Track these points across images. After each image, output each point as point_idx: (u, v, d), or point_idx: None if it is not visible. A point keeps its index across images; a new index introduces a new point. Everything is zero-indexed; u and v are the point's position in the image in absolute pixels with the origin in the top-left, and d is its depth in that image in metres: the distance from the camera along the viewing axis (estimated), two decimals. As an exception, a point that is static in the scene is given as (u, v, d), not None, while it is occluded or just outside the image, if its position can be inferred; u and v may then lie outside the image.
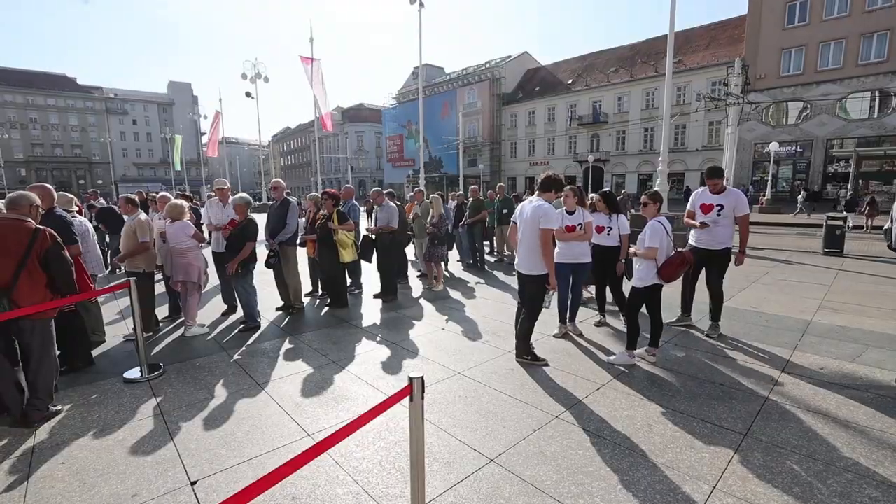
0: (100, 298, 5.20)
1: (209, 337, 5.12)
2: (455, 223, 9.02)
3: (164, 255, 5.23)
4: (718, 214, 4.80)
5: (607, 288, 5.35)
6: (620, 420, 3.21)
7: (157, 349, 4.75)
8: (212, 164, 72.02)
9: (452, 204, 10.25)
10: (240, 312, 5.56)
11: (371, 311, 6.13)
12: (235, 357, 4.47)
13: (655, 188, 15.33)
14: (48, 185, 4.33)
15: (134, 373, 3.98)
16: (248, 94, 29.64)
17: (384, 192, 6.84)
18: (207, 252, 5.68)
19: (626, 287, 4.63)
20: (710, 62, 33.46)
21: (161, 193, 7.10)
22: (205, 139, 70.07)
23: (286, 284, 5.79)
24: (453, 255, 9.64)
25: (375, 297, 6.71)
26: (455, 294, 7.07)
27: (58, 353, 3.60)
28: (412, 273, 8.51)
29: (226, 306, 6.01)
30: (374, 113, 63.64)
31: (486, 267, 9.29)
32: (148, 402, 3.57)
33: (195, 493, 2.49)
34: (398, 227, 6.66)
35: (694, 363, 4.20)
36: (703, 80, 33.05)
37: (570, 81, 43.23)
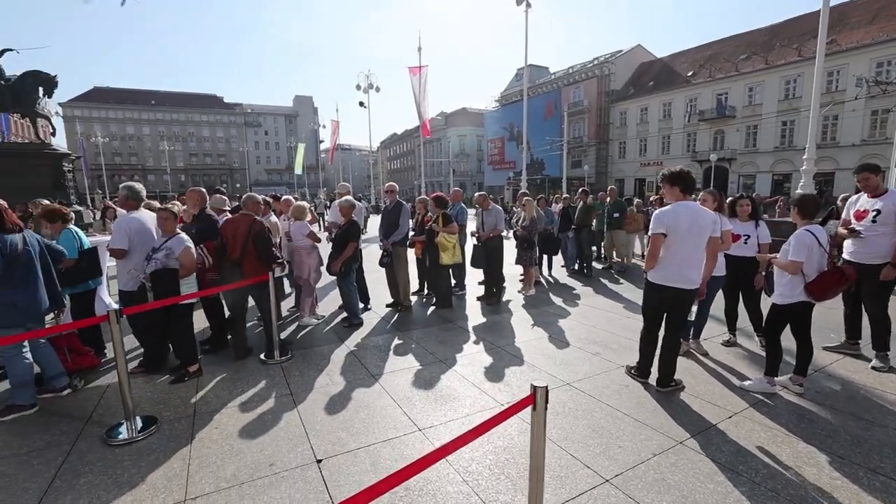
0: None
1: (327, 328, 5.59)
2: (561, 227, 8.72)
3: (290, 253, 5.82)
4: (874, 221, 3.98)
5: (740, 304, 4.74)
6: (760, 455, 2.81)
7: (283, 335, 5.30)
8: (327, 169, 79.07)
9: (557, 207, 9.93)
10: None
11: (475, 313, 6.18)
12: (352, 348, 4.82)
13: (798, 190, 13.30)
14: (202, 189, 5.10)
15: (271, 356, 4.47)
16: (361, 104, 31.94)
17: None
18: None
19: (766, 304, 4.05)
20: (874, 39, 28.07)
21: (284, 196, 7.91)
22: (322, 146, 77.29)
23: (397, 283, 6.10)
24: (557, 260, 9.35)
25: (479, 299, 6.76)
26: (558, 301, 6.83)
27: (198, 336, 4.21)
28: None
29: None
30: (476, 116, 64.54)
31: (594, 274, 8.84)
32: (280, 381, 4.01)
33: (321, 471, 2.72)
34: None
35: (855, 399, 3.53)
36: (864, 62, 27.84)
37: (689, 73, 39.43)
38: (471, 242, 7.00)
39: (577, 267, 9.14)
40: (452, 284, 6.76)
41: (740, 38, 38.26)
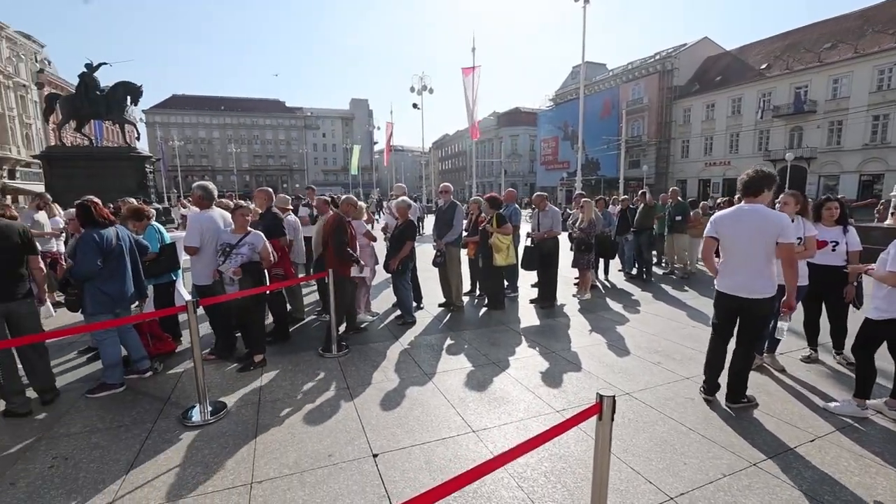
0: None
1: (382, 326, 5.72)
2: (619, 229, 8.38)
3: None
4: None
5: (822, 316, 4.33)
6: (850, 486, 2.54)
7: (340, 331, 5.48)
8: (381, 170, 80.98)
9: (615, 209, 9.56)
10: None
11: (528, 316, 6.09)
12: (405, 346, 4.90)
13: (894, 192, 11.95)
14: (269, 189, 5.38)
15: (329, 350, 4.64)
16: (414, 106, 32.38)
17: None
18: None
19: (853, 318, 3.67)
20: None
21: (345, 196, 8.16)
22: (376, 148, 79.28)
23: (449, 283, 6.12)
24: (614, 264, 9.01)
25: (532, 302, 6.65)
26: (616, 307, 6.57)
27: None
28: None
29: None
30: (529, 116, 63.61)
31: (654, 279, 8.42)
32: (337, 375, 4.14)
33: (377, 465, 2.78)
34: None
35: (969, 430, 3.11)
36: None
37: (763, 66, 36.58)
38: (524, 244, 6.90)
39: (634, 271, 8.76)
40: (505, 286, 6.69)
41: (824, 26, 34.95)
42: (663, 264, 9.67)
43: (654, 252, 9.41)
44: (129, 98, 20.31)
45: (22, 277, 3.48)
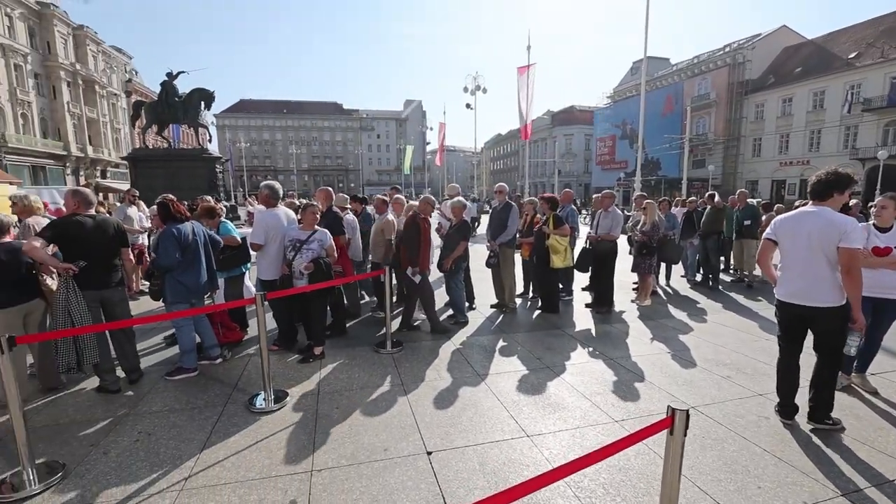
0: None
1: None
2: (683, 233, 7.92)
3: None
4: None
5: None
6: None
7: (394, 328, 5.58)
8: (432, 170, 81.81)
9: (678, 210, 9.04)
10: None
11: (583, 320, 5.90)
12: (458, 346, 4.91)
13: None
14: (329, 189, 5.57)
15: (383, 346, 4.75)
16: (468, 106, 32.40)
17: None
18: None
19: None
20: None
21: (396, 196, 8.31)
22: (429, 148, 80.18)
23: (502, 284, 6.07)
24: (677, 269, 8.53)
25: (587, 306, 6.44)
26: (679, 315, 6.22)
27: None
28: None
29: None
30: (584, 114, 61.82)
31: (721, 287, 7.89)
32: (392, 371, 4.22)
33: (431, 463, 2.80)
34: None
35: None
36: None
37: (852, 55, 33.18)
38: (581, 246, 6.70)
39: (699, 278, 8.25)
40: (559, 289, 6.52)
41: (927, 9, 31.18)
42: (731, 271, 9.04)
43: (722, 258, 8.81)
44: (203, 103, 21.93)
45: (116, 268, 3.84)
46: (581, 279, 7.42)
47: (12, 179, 22.51)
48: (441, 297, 6.69)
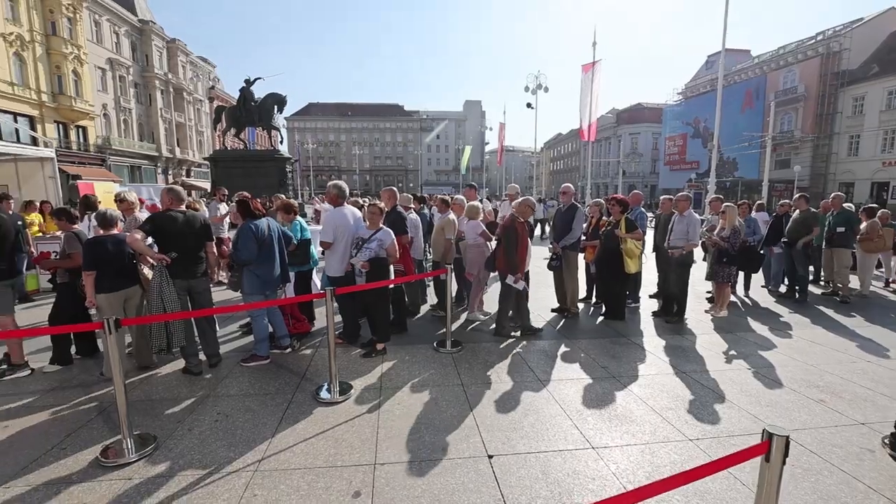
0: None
1: (493, 326, 5.70)
2: (767, 239, 7.27)
3: (464, 250, 6.09)
4: None
5: None
6: None
7: (453, 327, 5.59)
8: (490, 170, 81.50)
9: (758, 215, 8.29)
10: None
11: (650, 329, 5.59)
12: (517, 349, 4.82)
13: None
14: (394, 189, 5.68)
15: (443, 345, 4.77)
16: (529, 105, 31.91)
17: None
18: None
19: None
20: None
21: (457, 196, 8.30)
22: (487, 148, 79.92)
23: (564, 288, 5.89)
24: (757, 279, 7.84)
25: (655, 314, 6.09)
26: (760, 328, 5.70)
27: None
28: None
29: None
30: (652, 112, 58.71)
31: (808, 300, 7.15)
32: (451, 371, 4.23)
33: (492, 467, 2.76)
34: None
35: None
36: None
37: (978, 40, 28.84)
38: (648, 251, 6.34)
39: (783, 289, 7.53)
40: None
41: None
42: (822, 283, 8.17)
43: (811, 268, 7.98)
44: (276, 107, 23.31)
45: (201, 259, 4.17)
46: (648, 285, 7.05)
47: (115, 178, 25.26)
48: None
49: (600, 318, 5.97)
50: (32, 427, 3.31)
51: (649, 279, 7.02)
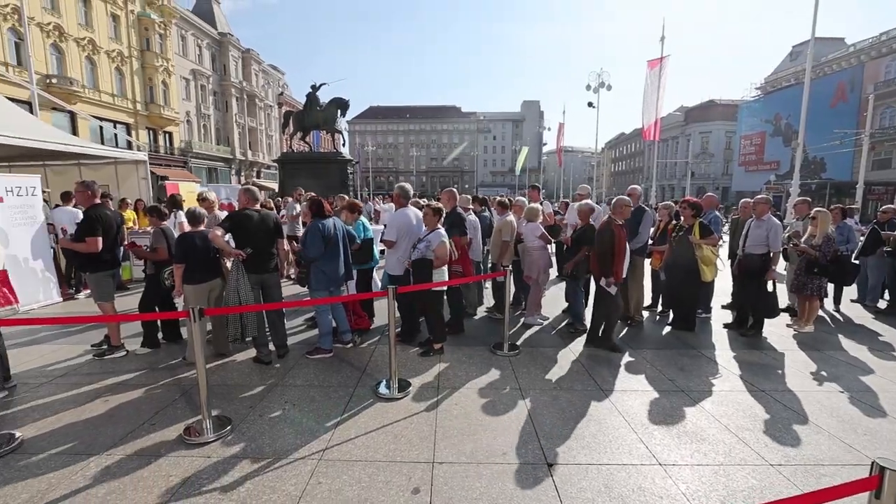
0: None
1: (552, 331, 5.59)
2: (863, 248, 6.53)
3: (522, 252, 6.00)
4: None
5: None
6: None
7: (510, 331, 5.52)
8: (547, 171, 79.83)
9: (853, 222, 7.46)
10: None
11: (723, 342, 5.21)
12: (577, 356, 4.68)
13: None
14: (454, 189, 5.72)
15: (500, 348, 4.73)
16: (590, 104, 30.92)
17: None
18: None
19: None
20: None
21: (518, 198, 8.20)
22: (545, 149, 78.33)
23: (628, 294, 5.63)
24: (849, 292, 7.07)
25: (727, 326, 5.67)
26: (853, 347, 5.13)
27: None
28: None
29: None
30: (726, 109, 54.74)
31: (915, 317, 6.33)
32: (508, 374, 4.18)
33: (552, 476, 2.70)
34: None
35: None
36: None
37: None
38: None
39: (883, 304, 6.72)
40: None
41: None
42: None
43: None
44: (339, 111, 24.29)
45: (273, 256, 4.43)
46: (720, 294, 6.58)
47: (195, 179, 27.53)
48: (559, 302, 6.47)
49: (667, 328, 5.64)
50: (127, 402, 3.67)
51: (721, 288, 6.54)
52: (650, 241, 5.80)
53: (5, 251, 6.15)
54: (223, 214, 5.82)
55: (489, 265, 6.23)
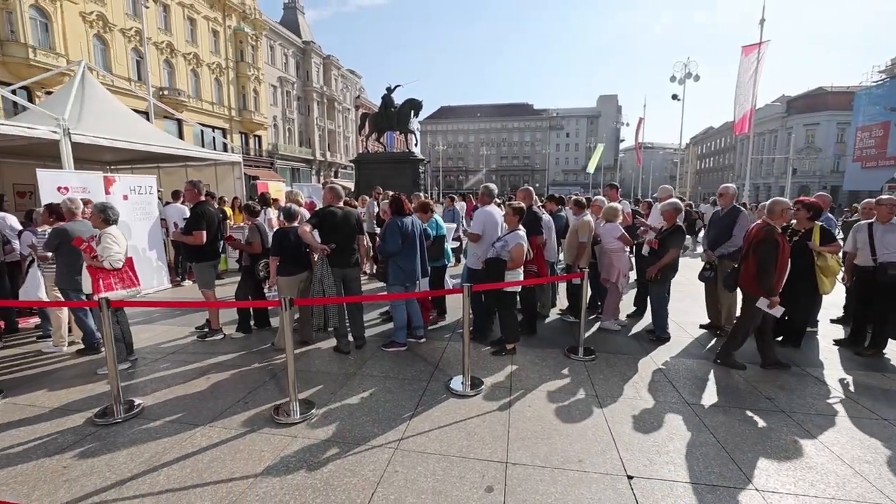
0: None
1: (629, 336, 5.31)
2: None
3: (599, 254, 5.76)
4: None
5: None
6: None
7: (587, 334, 5.32)
8: (624, 170, 75.96)
9: None
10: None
11: (833, 360, 4.62)
12: (659, 365, 4.40)
13: None
14: (531, 189, 5.63)
15: (575, 352, 4.59)
16: (674, 97, 28.89)
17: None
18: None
19: None
20: None
21: (597, 197, 7.87)
22: (622, 146, 74.56)
23: (717, 302, 5.19)
24: None
25: (838, 343, 5.02)
26: None
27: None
28: None
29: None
30: (838, 98, 48.37)
31: None
32: (584, 380, 4.04)
33: (632, 488, 2.56)
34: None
35: None
36: None
37: None
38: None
39: None
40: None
41: None
42: None
43: None
44: (412, 112, 24.93)
45: (354, 251, 4.65)
46: (829, 307, 5.85)
47: (281, 179, 29.70)
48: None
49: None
50: (225, 380, 4.06)
51: (831, 301, 5.79)
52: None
53: (128, 242, 7.06)
54: (305, 213, 6.23)
55: (563, 266, 6.05)
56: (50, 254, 4.60)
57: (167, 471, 2.72)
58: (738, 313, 5.54)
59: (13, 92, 8.91)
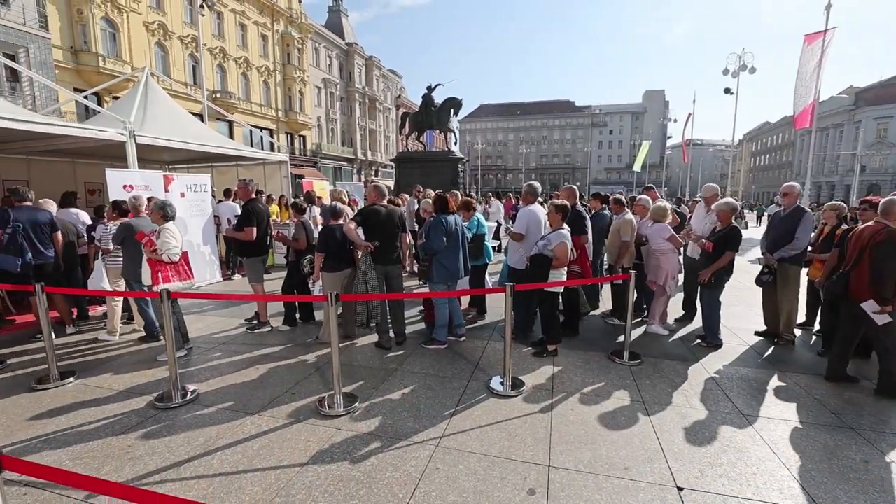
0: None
1: (676, 340, 5.09)
2: None
3: (645, 255, 5.54)
4: None
5: None
6: None
7: (632, 338, 5.15)
8: (671, 167, 72.89)
9: None
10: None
11: (910, 374, 4.23)
12: (711, 373, 4.19)
13: None
14: (575, 187, 5.50)
15: (619, 356, 4.45)
16: (727, 91, 27.42)
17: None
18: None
19: None
20: None
21: (640, 196, 7.57)
22: (669, 143, 71.49)
23: (776, 308, 4.88)
24: None
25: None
26: None
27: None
28: None
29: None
30: (914, 89, 44.30)
31: None
32: (629, 385, 3.90)
33: (682, 500, 2.45)
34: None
35: None
36: None
37: None
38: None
39: None
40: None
41: None
42: None
43: None
44: (452, 111, 24.96)
45: (397, 248, 4.71)
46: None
47: (324, 177, 30.54)
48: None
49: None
50: (273, 371, 4.21)
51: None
52: (809, 248, 4.94)
53: (184, 237, 7.48)
54: (350, 211, 6.36)
55: (605, 266, 5.89)
56: (112, 247, 4.94)
57: (220, 455, 2.86)
58: (798, 320, 5.22)
59: (86, 97, 9.64)
